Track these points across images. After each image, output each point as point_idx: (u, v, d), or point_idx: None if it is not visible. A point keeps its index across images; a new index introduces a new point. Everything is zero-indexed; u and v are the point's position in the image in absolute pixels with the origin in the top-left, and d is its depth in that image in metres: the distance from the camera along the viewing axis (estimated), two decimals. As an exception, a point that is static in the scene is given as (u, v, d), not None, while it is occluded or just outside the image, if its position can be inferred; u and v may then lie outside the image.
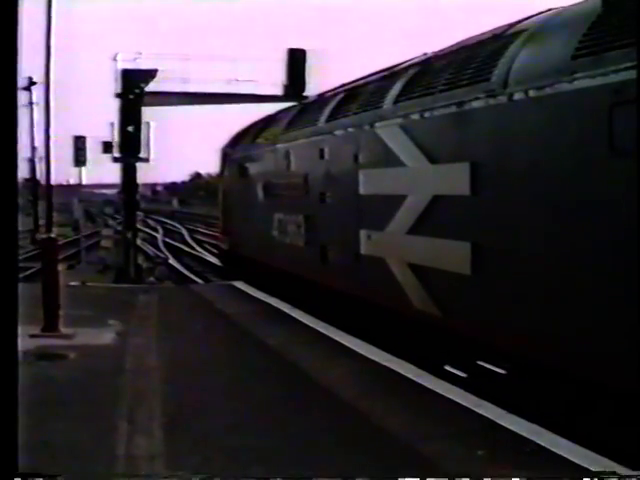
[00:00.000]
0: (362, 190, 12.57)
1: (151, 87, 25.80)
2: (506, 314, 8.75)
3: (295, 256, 16.33)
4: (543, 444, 6.78)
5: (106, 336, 12.36)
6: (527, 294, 8.35)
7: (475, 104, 9.31)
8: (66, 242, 34.45)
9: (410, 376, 9.42)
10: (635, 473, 5.70)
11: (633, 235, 6.53)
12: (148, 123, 26.16)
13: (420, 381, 9.17)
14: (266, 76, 27.08)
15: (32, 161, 47.41)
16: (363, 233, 12.44)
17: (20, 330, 4.63)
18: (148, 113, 26.26)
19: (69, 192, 46.71)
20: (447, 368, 9.99)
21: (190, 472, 6.16)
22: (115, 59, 26.06)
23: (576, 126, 7.53)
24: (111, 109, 26.26)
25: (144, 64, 26.14)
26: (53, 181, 13.91)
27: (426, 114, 10.54)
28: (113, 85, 26.04)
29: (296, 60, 26.50)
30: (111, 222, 46.18)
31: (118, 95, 25.77)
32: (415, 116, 10.83)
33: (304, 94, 25.12)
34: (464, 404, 8.13)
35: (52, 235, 13.17)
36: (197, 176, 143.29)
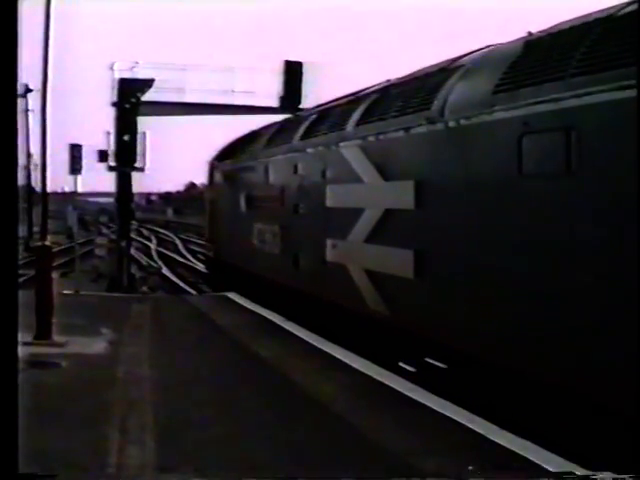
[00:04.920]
0: (329, 203, 14.01)
1: (148, 97, 25.84)
2: (443, 313, 10.00)
3: (272, 263, 17.74)
4: (533, 459, 6.80)
5: (99, 345, 12.34)
6: (459, 295, 9.62)
7: (418, 130, 10.70)
8: (60, 250, 34.39)
9: (402, 390, 9.44)
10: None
11: (537, 243, 8.00)
12: (144, 132, 26.20)
13: (412, 395, 9.19)
14: (262, 87, 27.17)
15: (27, 168, 47.41)
16: (329, 242, 13.86)
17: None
18: (144, 122, 26.35)
19: (64, 200, 46.65)
20: (401, 364, 11.02)
21: (186, 475, 6.18)
22: (112, 68, 26.11)
23: (494, 152, 8.86)
24: (107, 118, 26.32)
25: (141, 73, 26.21)
26: (48, 188, 13.83)
27: (380, 137, 11.97)
28: (110, 94, 26.13)
29: (293, 72, 26.55)
30: (105, 231, 46.14)
31: (114, 104, 25.80)
32: (372, 138, 12.28)
33: (300, 106, 25.17)
34: (456, 419, 8.14)
35: (46, 243, 13.10)
36: (192, 186, 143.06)
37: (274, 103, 26.82)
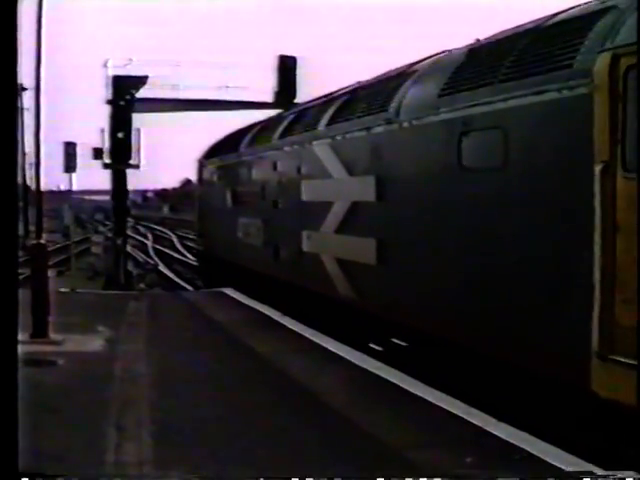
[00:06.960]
0: (304, 197, 15.09)
1: (142, 93, 25.80)
2: (401, 296, 11.00)
3: (255, 255, 18.99)
4: (532, 451, 6.79)
5: (95, 343, 12.34)
6: (413, 279, 10.65)
7: (378, 129, 11.79)
8: (56, 248, 34.34)
9: (400, 384, 9.43)
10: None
11: (475, 228, 9.04)
12: (139, 129, 26.18)
13: (410, 389, 9.18)
14: (257, 83, 27.16)
15: (22, 167, 47.29)
16: (304, 233, 14.92)
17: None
18: (139, 119, 26.31)
19: (59, 198, 46.57)
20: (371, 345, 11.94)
21: (184, 474, 6.17)
22: (106, 65, 26.09)
23: (440, 149, 9.87)
24: (102, 115, 26.28)
25: (135, 70, 26.18)
26: (43, 187, 13.81)
27: (347, 135, 13.06)
28: (104, 91, 26.08)
29: (287, 67, 26.53)
30: (101, 228, 46.14)
31: (109, 101, 25.76)
32: (339, 137, 13.39)
33: (295, 101, 25.13)
34: (454, 412, 8.14)
35: (42, 241, 13.08)
36: (187, 182, 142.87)
37: (269, 98, 26.79)
